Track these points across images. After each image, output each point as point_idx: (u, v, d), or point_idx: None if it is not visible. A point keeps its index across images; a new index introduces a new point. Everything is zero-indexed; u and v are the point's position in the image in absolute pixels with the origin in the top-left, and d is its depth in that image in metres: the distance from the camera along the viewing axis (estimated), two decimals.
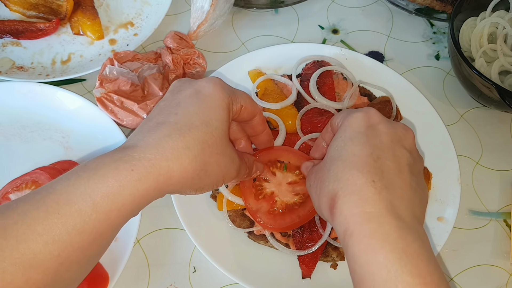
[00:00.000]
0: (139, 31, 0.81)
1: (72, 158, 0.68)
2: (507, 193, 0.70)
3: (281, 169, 0.62)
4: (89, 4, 0.81)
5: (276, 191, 0.61)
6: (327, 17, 0.86)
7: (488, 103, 0.73)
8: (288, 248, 0.62)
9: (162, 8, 0.81)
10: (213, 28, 0.77)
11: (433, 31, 0.85)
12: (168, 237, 0.65)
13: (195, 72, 0.75)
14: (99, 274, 0.59)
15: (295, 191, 0.61)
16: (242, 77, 0.75)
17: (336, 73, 0.74)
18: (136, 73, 0.71)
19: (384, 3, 0.87)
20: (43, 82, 0.72)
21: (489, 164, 0.73)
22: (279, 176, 0.62)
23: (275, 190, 0.61)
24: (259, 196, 0.61)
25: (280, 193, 0.61)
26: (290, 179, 0.62)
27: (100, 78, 0.69)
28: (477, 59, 0.72)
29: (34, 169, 0.65)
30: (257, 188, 0.61)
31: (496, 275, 0.64)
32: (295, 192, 0.61)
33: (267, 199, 0.60)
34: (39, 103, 0.70)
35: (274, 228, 0.60)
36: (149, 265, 0.63)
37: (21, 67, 0.76)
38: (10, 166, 0.66)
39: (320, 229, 0.61)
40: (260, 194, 0.61)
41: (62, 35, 0.80)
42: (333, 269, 0.62)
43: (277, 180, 0.62)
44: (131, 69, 0.71)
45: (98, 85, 0.68)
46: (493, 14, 0.75)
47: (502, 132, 0.76)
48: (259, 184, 0.61)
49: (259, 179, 0.62)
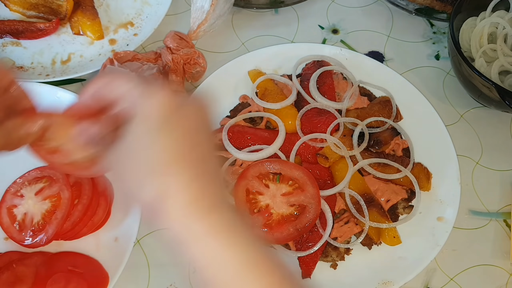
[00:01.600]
0: (139, 31, 0.81)
1: None
2: (507, 193, 0.70)
3: (274, 181, 0.62)
4: (89, 4, 0.81)
5: (271, 203, 0.61)
6: (327, 17, 0.86)
7: (488, 103, 0.73)
8: (288, 250, 0.62)
9: (162, 8, 0.81)
10: (213, 28, 0.77)
11: (433, 31, 0.85)
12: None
13: (195, 72, 0.75)
14: (99, 274, 0.59)
15: (290, 202, 0.61)
16: (242, 77, 0.75)
17: (336, 73, 0.74)
18: (136, 73, 0.71)
19: (384, 3, 0.87)
20: (43, 82, 0.72)
21: (489, 164, 0.73)
22: (273, 188, 0.62)
23: (270, 203, 0.61)
24: (254, 210, 0.60)
25: (275, 205, 0.61)
26: (284, 190, 0.61)
27: None
28: (477, 59, 0.72)
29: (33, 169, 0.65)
30: (251, 202, 0.61)
31: (496, 275, 0.64)
32: (290, 203, 0.61)
33: (262, 212, 0.60)
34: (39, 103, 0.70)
35: (272, 241, 0.59)
36: (149, 265, 0.63)
37: (21, 67, 0.76)
38: (10, 166, 0.66)
39: (320, 229, 0.61)
40: (255, 207, 0.61)
41: (62, 35, 0.80)
42: (333, 269, 0.62)
43: (271, 192, 0.61)
44: (131, 69, 0.71)
45: None
46: (493, 14, 0.75)
47: (502, 132, 0.76)
48: (253, 198, 0.61)
49: (253, 192, 0.61)
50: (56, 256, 0.60)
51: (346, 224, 0.63)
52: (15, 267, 0.58)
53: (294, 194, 0.61)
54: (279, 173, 0.62)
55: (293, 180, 0.62)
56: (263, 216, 0.60)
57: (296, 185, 0.61)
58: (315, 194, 0.60)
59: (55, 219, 0.60)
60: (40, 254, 0.60)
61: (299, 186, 0.61)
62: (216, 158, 0.45)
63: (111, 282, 0.59)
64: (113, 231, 0.63)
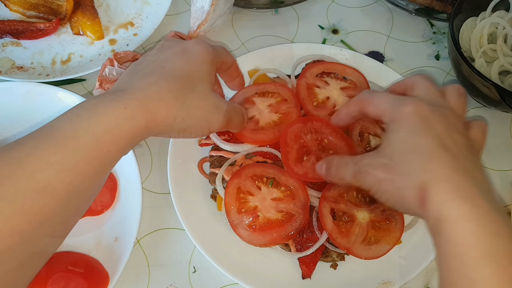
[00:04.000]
0: (139, 31, 0.81)
1: None
2: (507, 193, 0.70)
3: (266, 184, 0.62)
4: (89, 4, 0.81)
5: (260, 205, 0.60)
6: (327, 17, 0.86)
7: (488, 103, 0.73)
8: (287, 251, 0.62)
9: (162, 8, 0.81)
10: (213, 28, 0.77)
11: (433, 31, 0.85)
12: (168, 237, 0.65)
13: None
14: (99, 274, 0.59)
15: (279, 208, 0.60)
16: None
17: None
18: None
19: (384, 3, 0.87)
20: (43, 82, 0.72)
21: (489, 164, 0.73)
22: (264, 191, 0.61)
23: (259, 205, 0.61)
24: (241, 209, 0.60)
25: (263, 208, 0.60)
26: (275, 195, 0.61)
27: (100, 79, 0.69)
28: (477, 59, 0.72)
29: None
30: (241, 201, 0.61)
31: None
32: (279, 209, 0.60)
33: (249, 213, 0.60)
34: (39, 103, 0.70)
35: (253, 243, 0.59)
36: (149, 265, 0.63)
37: (21, 67, 0.76)
38: None
39: (317, 232, 0.61)
40: (243, 207, 0.60)
41: (62, 35, 0.80)
42: (333, 269, 0.62)
43: (261, 195, 0.61)
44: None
45: (97, 86, 0.68)
46: (493, 14, 0.75)
47: (502, 132, 0.76)
48: (243, 197, 0.61)
49: (244, 192, 0.61)
50: (56, 256, 0.60)
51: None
52: None
53: (284, 201, 0.61)
54: (273, 177, 0.62)
55: (286, 187, 0.62)
56: (250, 216, 0.60)
57: (288, 192, 0.61)
58: (304, 205, 0.60)
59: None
60: None
61: (291, 194, 0.61)
62: (477, 150, 0.50)
63: (111, 282, 0.59)
64: (113, 231, 0.63)
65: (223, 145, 0.66)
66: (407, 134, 0.47)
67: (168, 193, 0.64)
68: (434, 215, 0.42)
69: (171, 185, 0.64)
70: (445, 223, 0.41)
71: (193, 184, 0.66)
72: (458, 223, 0.41)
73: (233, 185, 0.61)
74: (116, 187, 0.66)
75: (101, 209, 0.64)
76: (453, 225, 0.41)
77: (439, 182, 0.43)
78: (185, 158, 0.67)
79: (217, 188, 0.64)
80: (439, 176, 0.43)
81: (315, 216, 0.62)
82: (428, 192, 0.43)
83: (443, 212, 0.42)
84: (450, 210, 0.41)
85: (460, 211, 0.41)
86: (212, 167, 0.66)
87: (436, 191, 0.43)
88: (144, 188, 0.67)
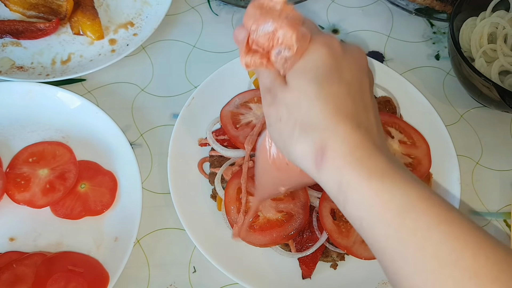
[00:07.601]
0: (139, 31, 0.81)
1: None
2: (507, 193, 0.70)
3: None
4: (89, 4, 0.81)
5: (260, 205, 0.60)
6: (327, 17, 0.86)
7: (488, 103, 0.73)
8: (287, 251, 0.62)
9: (162, 8, 0.81)
10: None
11: (433, 31, 0.85)
12: (168, 237, 0.65)
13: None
14: (99, 274, 0.59)
15: (279, 208, 0.60)
16: (242, 77, 0.75)
17: None
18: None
19: (384, 3, 0.87)
20: (43, 82, 0.72)
21: (489, 164, 0.73)
22: None
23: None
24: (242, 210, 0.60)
25: (263, 209, 0.60)
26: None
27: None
28: (477, 59, 0.72)
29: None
30: (241, 202, 0.61)
31: None
32: (279, 209, 0.60)
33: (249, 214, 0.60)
34: (39, 103, 0.70)
35: (253, 243, 0.59)
36: (149, 265, 0.63)
37: (21, 67, 0.76)
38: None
39: (317, 232, 0.61)
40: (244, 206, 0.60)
41: (62, 35, 0.80)
42: (333, 269, 0.62)
43: None
44: None
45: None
46: (493, 14, 0.75)
47: (502, 132, 0.76)
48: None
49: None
50: (56, 256, 0.60)
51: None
52: (15, 267, 0.58)
53: (284, 201, 0.61)
54: None
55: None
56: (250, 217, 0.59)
57: (288, 192, 0.61)
58: (304, 205, 0.60)
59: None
60: (40, 254, 0.60)
61: (291, 194, 0.61)
62: (376, 105, 0.44)
63: (111, 282, 0.59)
64: (113, 231, 0.63)
65: (223, 152, 0.66)
66: (315, 74, 0.40)
67: (168, 193, 0.64)
68: (334, 180, 0.38)
69: (171, 185, 0.64)
70: (347, 188, 0.38)
71: (193, 184, 0.66)
72: (363, 184, 0.37)
73: (233, 185, 0.61)
74: (116, 187, 0.66)
75: (101, 209, 0.64)
76: (359, 188, 0.37)
77: (339, 143, 0.38)
78: (185, 158, 0.67)
79: (216, 188, 0.63)
80: (341, 135, 0.38)
81: (315, 216, 0.62)
82: (325, 154, 0.38)
83: (344, 176, 0.38)
84: (352, 174, 0.37)
85: (360, 172, 0.37)
86: (212, 167, 0.66)
87: (335, 154, 0.38)
88: (144, 188, 0.67)
